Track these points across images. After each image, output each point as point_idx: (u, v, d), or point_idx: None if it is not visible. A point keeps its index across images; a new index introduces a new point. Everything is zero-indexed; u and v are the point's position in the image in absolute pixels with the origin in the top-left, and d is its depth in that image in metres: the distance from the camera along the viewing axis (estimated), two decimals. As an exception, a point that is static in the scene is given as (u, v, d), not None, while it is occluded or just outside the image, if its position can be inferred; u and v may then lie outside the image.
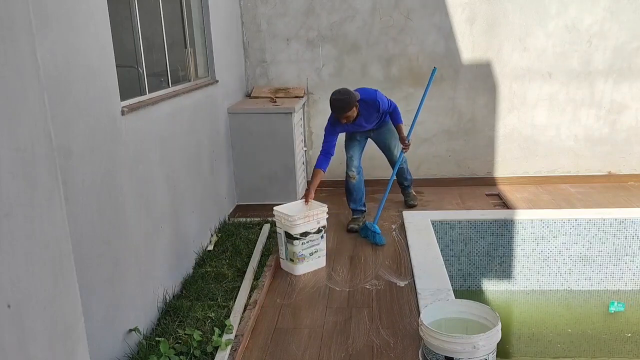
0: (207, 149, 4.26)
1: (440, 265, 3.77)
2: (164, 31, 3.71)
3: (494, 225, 4.50)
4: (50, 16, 2.15)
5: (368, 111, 4.23)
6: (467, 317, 2.72)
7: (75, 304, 1.18)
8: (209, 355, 2.78)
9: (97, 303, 2.47)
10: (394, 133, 4.56)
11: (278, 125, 4.92)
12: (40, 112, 1.07)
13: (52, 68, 2.15)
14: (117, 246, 2.68)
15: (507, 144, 5.64)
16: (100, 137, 2.54)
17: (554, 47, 5.37)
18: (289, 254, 3.77)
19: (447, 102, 5.53)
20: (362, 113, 4.21)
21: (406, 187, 5.07)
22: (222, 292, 3.44)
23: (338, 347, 2.93)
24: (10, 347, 0.95)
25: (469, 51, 5.42)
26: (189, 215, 3.82)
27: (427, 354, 2.53)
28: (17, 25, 1.00)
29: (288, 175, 5.02)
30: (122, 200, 2.75)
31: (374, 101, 4.21)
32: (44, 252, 1.07)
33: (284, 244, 3.80)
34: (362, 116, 4.24)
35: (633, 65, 5.38)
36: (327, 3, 5.40)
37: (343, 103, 4.04)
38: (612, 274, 4.53)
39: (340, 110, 4.07)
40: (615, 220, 4.42)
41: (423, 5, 5.35)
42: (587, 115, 5.54)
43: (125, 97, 2.89)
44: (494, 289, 4.61)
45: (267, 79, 5.62)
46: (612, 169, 5.65)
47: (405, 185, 5.05)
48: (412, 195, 5.07)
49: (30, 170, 1.02)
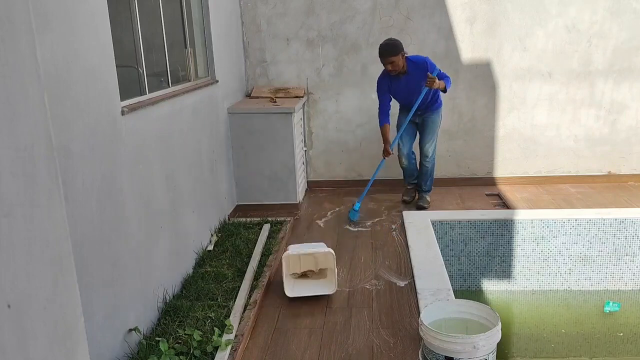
0: (207, 149, 4.26)
1: (440, 265, 3.77)
2: (164, 31, 3.71)
3: (494, 225, 4.49)
4: (51, 16, 2.14)
5: (417, 72, 4.49)
6: (467, 317, 2.72)
7: (75, 304, 1.18)
8: (209, 355, 2.78)
9: (97, 303, 2.47)
10: (436, 126, 4.86)
11: (278, 125, 4.92)
12: (40, 112, 1.07)
13: (52, 68, 2.15)
14: (117, 246, 2.68)
15: (507, 144, 5.64)
16: (100, 137, 2.54)
17: (554, 47, 5.37)
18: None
19: (447, 102, 5.52)
20: (411, 72, 4.51)
21: (423, 191, 5.10)
22: (222, 292, 3.44)
23: (338, 347, 2.93)
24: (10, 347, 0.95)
25: (469, 51, 5.42)
26: (189, 215, 3.82)
27: (427, 354, 2.53)
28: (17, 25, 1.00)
29: (288, 175, 5.02)
30: (122, 200, 2.75)
31: (423, 62, 4.51)
32: (44, 252, 1.07)
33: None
34: (411, 75, 4.50)
35: (633, 65, 5.38)
36: (327, 3, 5.40)
37: (389, 47, 4.42)
38: (612, 274, 4.53)
39: (386, 54, 4.41)
40: (615, 220, 4.42)
41: (423, 5, 5.34)
42: (587, 115, 5.54)
43: (125, 97, 2.89)
44: (494, 289, 4.61)
45: (267, 79, 5.62)
46: (612, 169, 5.65)
47: (424, 190, 5.09)
48: (426, 198, 5.08)
49: (30, 170, 1.02)
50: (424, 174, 5.01)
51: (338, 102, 5.63)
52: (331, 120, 5.68)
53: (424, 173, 5.00)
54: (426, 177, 5.03)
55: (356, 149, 5.74)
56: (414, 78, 4.51)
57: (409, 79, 4.51)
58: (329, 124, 5.70)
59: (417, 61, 4.51)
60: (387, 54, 4.41)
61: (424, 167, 4.95)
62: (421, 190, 5.10)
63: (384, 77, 4.63)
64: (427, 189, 5.09)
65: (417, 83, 4.52)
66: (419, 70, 4.47)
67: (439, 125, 4.89)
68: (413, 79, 4.51)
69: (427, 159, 4.90)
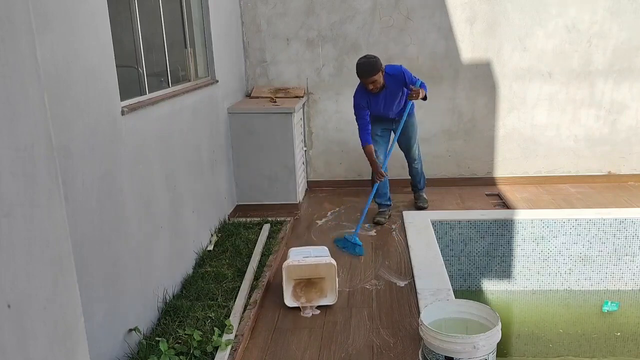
0: (207, 149, 4.26)
1: (440, 265, 3.77)
2: (164, 31, 3.71)
3: (494, 225, 4.49)
4: (51, 16, 2.14)
5: (394, 84, 4.35)
6: (467, 317, 2.72)
7: (75, 304, 1.18)
8: (209, 355, 2.78)
9: (97, 303, 2.47)
10: (416, 129, 4.69)
11: (278, 125, 4.92)
12: (40, 112, 1.07)
13: (52, 68, 2.15)
14: (117, 246, 2.68)
15: (507, 144, 5.64)
16: (100, 137, 2.54)
17: (554, 47, 5.37)
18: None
19: (447, 102, 5.53)
20: (389, 85, 4.34)
21: (419, 190, 5.08)
22: (222, 292, 3.44)
23: (338, 347, 2.93)
24: (10, 347, 0.95)
25: (469, 51, 5.42)
26: (189, 215, 3.82)
27: (427, 354, 2.53)
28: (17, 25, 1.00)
29: (288, 175, 5.02)
30: (122, 200, 2.75)
31: (400, 73, 4.35)
32: (44, 252, 1.07)
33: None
34: (388, 89, 4.35)
35: (633, 65, 5.38)
36: (327, 3, 5.40)
37: (369, 66, 4.20)
38: (612, 274, 4.53)
39: (366, 74, 4.21)
40: (615, 220, 4.42)
41: (423, 5, 5.34)
42: (587, 115, 5.53)
43: (125, 97, 2.89)
44: (494, 289, 4.61)
45: (267, 79, 5.62)
46: (612, 169, 5.65)
47: (419, 187, 5.07)
48: (423, 197, 5.07)
49: (30, 170, 1.02)
50: (416, 175, 4.98)
51: (338, 102, 5.62)
52: (331, 120, 5.68)
53: (416, 174, 4.97)
54: (418, 177, 5.01)
55: (356, 149, 5.71)
56: (391, 90, 4.37)
57: (387, 92, 4.37)
58: (329, 124, 5.70)
59: (393, 73, 4.33)
60: (367, 75, 4.21)
61: (414, 169, 4.91)
62: (417, 189, 5.08)
63: (362, 94, 4.38)
64: (422, 187, 5.08)
65: (394, 94, 4.40)
66: (396, 81, 4.34)
67: (417, 126, 4.75)
68: (390, 92, 4.38)
69: (415, 162, 4.85)
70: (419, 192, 5.09)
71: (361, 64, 4.24)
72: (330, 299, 3.36)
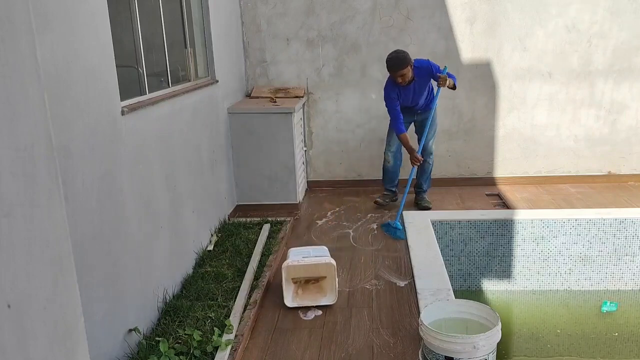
0: (207, 149, 4.26)
1: (440, 265, 3.77)
2: (164, 31, 3.71)
3: (494, 225, 4.49)
4: (51, 16, 2.14)
5: (422, 76, 4.58)
6: (467, 317, 2.72)
7: (75, 304, 1.18)
8: (209, 355, 2.78)
9: (97, 303, 2.47)
10: (436, 123, 4.91)
11: (278, 125, 4.92)
12: (40, 112, 1.07)
13: (52, 68, 2.15)
14: (117, 246, 2.68)
15: (507, 144, 5.64)
16: (100, 137, 2.54)
17: (554, 47, 5.37)
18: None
19: (447, 102, 5.53)
20: (417, 79, 4.57)
21: (423, 192, 5.13)
22: (222, 292, 3.44)
23: (338, 347, 2.93)
24: (10, 347, 0.95)
25: (469, 51, 5.42)
26: (189, 215, 3.82)
27: (427, 354, 2.53)
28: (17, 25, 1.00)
29: (288, 175, 5.02)
30: (122, 200, 2.75)
31: (427, 66, 4.57)
32: (44, 252, 1.06)
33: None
34: (417, 82, 4.56)
35: (633, 65, 5.38)
36: (327, 3, 5.40)
37: (399, 60, 4.44)
38: (612, 274, 4.52)
39: (396, 67, 4.44)
40: (615, 220, 4.42)
41: (423, 5, 5.34)
42: (587, 115, 5.53)
43: (125, 97, 2.89)
44: (494, 289, 4.61)
45: (267, 79, 5.62)
46: (612, 169, 5.65)
47: (423, 189, 5.12)
48: (426, 199, 5.11)
49: (30, 170, 1.02)
50: (425, 172, 5.04)
51: (338, 102, 5.63)
52: (331, 120, 5.68)
53: (425, 171, 5.03)
54: (426, 176, 5.06)
55: (356, 149, 5.74)
56: (420, 83, 4.61)
57: (416, 84, 4.60)
58: (329, 124, 5.70)
59: (421, 66, 4.57)
60: (397, 68, 4.45)
61: (426, 164, 4.99)
62: (422, 190, 5.11)
63: (393, 86, 4.61)
64: (426, 189, 5.12)
65: (422, 86, 4.63)
66: (424, 73, 4.58)
67: (437, 121, 4.98)
68: (419, 84, 4.61)
69: (430, 156, 4.98)
70: (422, 194, 5.10)
71: (391, 59, 4.48)
72: (330, 298, 3.36)
